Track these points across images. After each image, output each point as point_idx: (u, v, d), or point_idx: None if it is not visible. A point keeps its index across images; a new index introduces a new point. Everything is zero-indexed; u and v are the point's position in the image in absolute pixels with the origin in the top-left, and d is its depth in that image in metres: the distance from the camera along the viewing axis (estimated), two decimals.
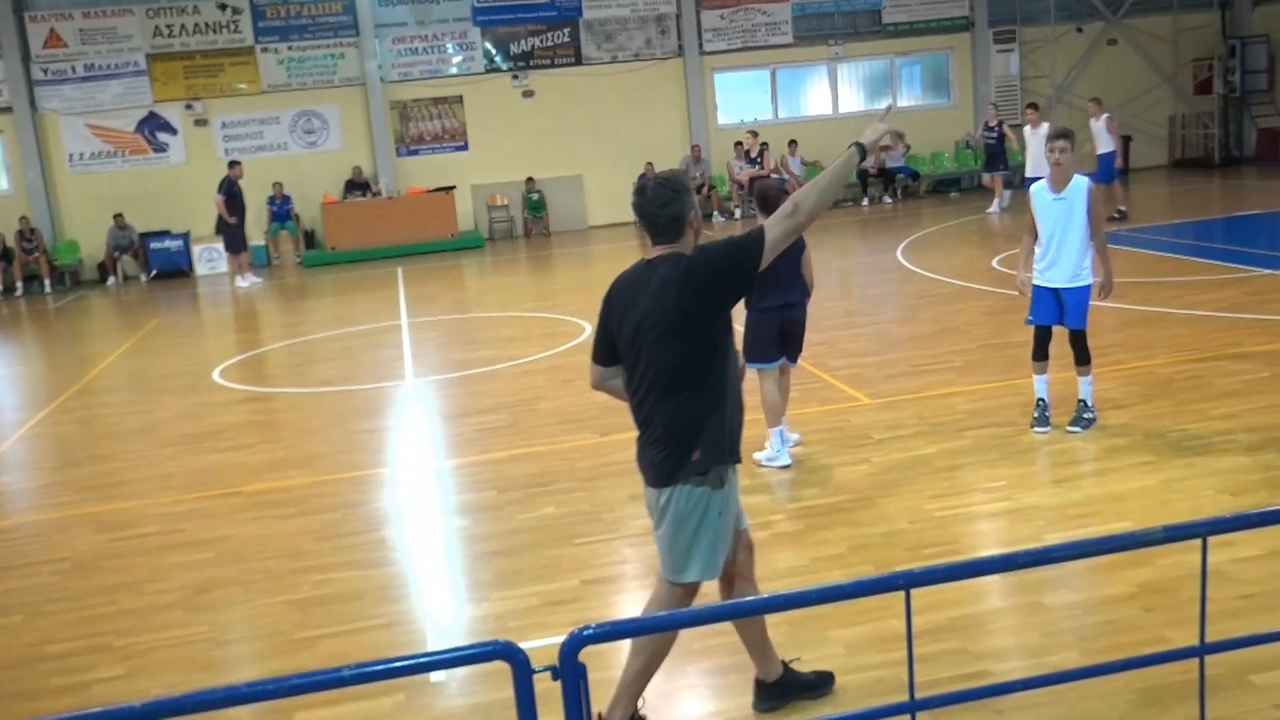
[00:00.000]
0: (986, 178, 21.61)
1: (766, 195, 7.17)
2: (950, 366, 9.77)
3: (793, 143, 23.99)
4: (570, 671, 2.73)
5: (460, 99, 23.65)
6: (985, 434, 7.82)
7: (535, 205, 23.87)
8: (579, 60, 23.91)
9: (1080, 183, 7.40)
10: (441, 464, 8.40)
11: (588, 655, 2.73)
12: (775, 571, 5.86)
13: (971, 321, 11.50)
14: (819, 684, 4.63)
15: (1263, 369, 8.81)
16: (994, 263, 14.79)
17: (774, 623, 5.11)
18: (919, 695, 3.14)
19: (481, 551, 6.63)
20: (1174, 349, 9.62)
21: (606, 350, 4.32)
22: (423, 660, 2.83)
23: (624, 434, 8.49)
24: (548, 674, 2.69)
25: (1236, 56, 25.62)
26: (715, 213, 23.41)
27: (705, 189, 23.20)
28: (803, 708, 4.54)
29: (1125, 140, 25.10)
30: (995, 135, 20.82)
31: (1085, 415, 7.75)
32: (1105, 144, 17.89)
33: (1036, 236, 7.64)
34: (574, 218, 24.23)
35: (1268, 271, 12.27)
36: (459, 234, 22.77)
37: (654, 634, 4.12)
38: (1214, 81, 25.93)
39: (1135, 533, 3.18)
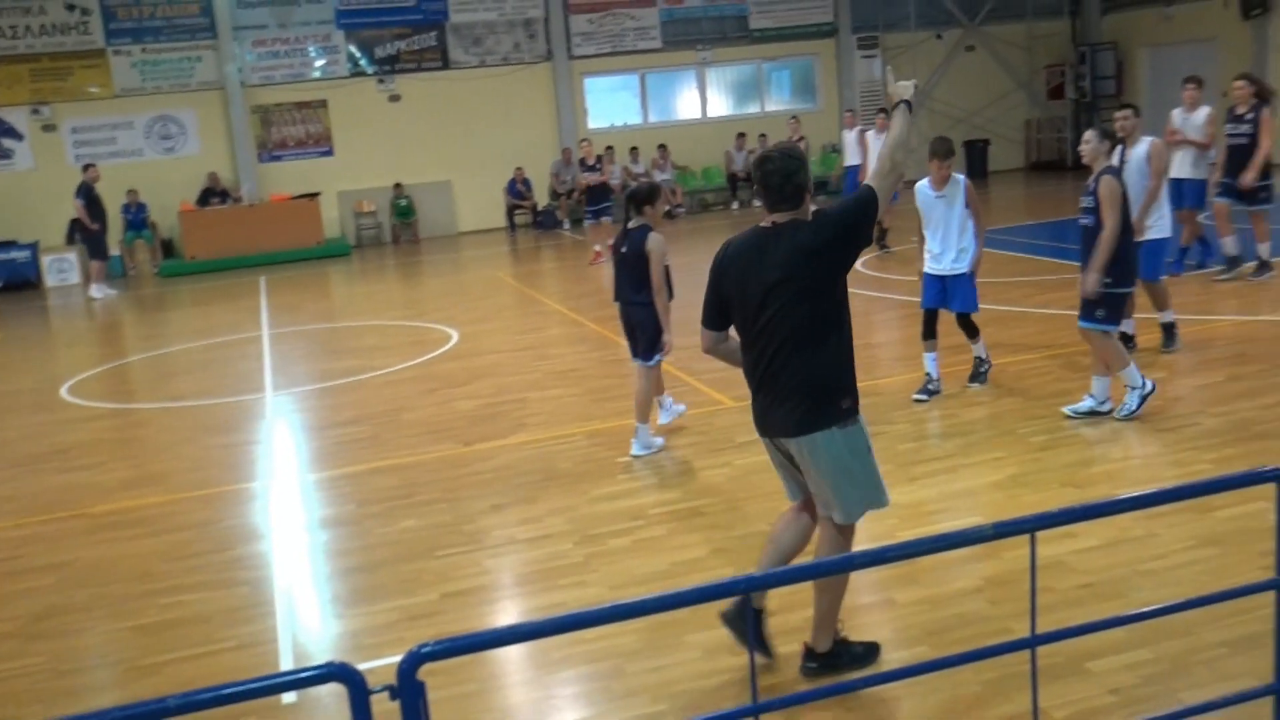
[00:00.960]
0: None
1: (638, 195, 7.62)
2: None
3: (662, 146, 24.15)
4: (409, 690, 2.66)
5: (324, 103, 23.20)
6: None
7: (403, 211, 23.55)
8: (446, 64, 23.67)
9: (958, 180, 8.40)
10: (301, 478, 8.20)
11: (434, 672, 2.66)
12: (635, 577, 5.87)
13: None
14: (866, 655, 4.76)
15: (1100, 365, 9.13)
16: (858, 265, 15.06)
17: (629, 629, 5.11)
18: (771, 696, 3.15)
19: (340, 567, 6.49)
20: (1026, 347, 9.93)
21: (718, 315, 4.61)
22: (254, 686, 2.72)
23: (487, 444, 8.46)
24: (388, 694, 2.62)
25: (1087, 63, 26.66)
26: (566, 220, 23.41)
27: (575, 193, 23.16)
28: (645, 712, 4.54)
29: (984, 143, 25.97)
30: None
31: (981, 370, 8.77)
32: (854, 156, 17.49)
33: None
34: (443, 223, 23.98)
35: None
36: (325, 241, 22.34)
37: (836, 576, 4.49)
38: (1066, 87, 26.94)
39: (966, 530, 3.24)
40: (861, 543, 6.14)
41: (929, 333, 8.57)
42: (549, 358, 11.40)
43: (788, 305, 4.31)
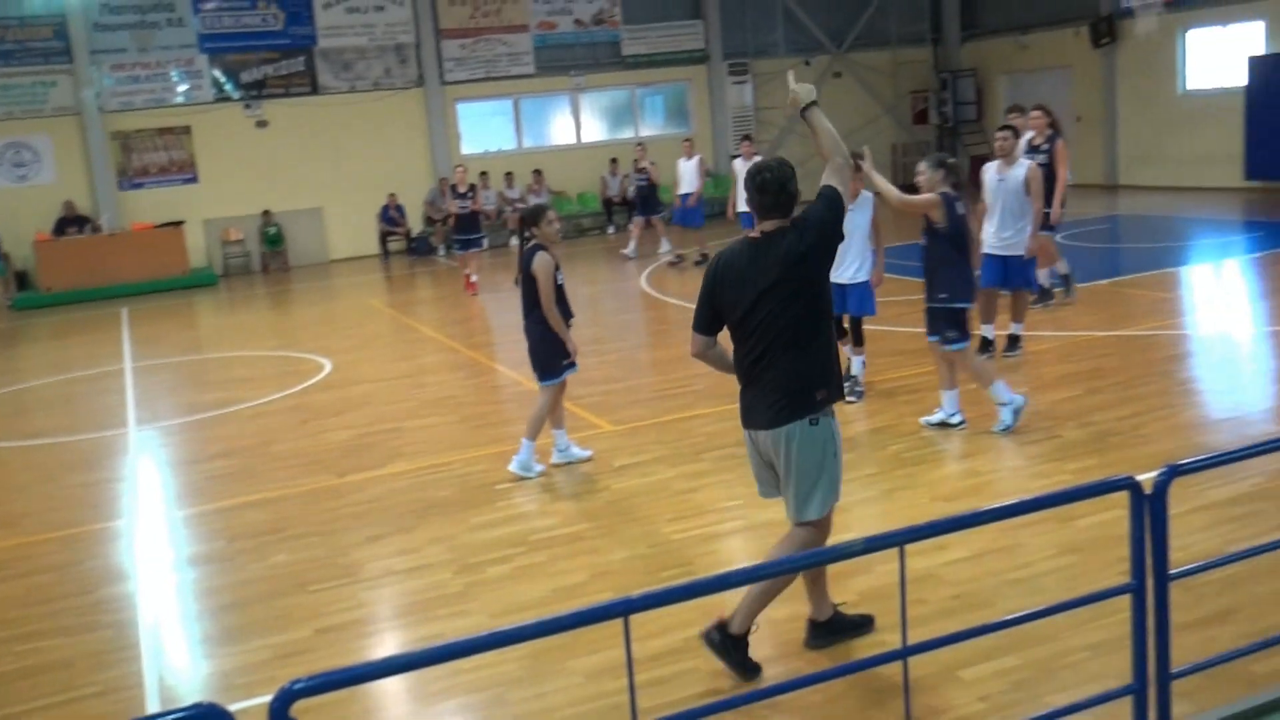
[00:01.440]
0: (637, 220, 20.25)
1: (525, 216, 7.79)
2: (691, 390, 9.99)
3: (537, 171, 24.14)
4: None
5: (188, 129, 22.59)
6: (723, 455, 8.01)
7: (273, 239, 23.05)
8: (315, 89, 23.28)
9: (866, 196, 8.80)
10: (167, 515, 7.93)
11: (308, 709, 2.59)
12: (516, 604, 5.82)
13: None
14: (862, 624, 5.13)
15: (971, 382, 9.41)
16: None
17: (510, 657, 5.05)
18: (651, 718, 3.15)
19: (210, 606, 6.29)
20: (894, 365, 10.16)
21: (711, 321, 4.92)
22: None
23: (363, 474, 8.31)
24: None
25: (949, 89, 27.55)
26: (441, 247, 23.08)
27: (449, 219, 22.95)
28: None
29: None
30: (645, 179, 19.76)
31: (856, 389, 9.09)
32: (691, 185, 17.93)
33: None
34: (315, 251, 23.53)
35: (982, 287, 13.13)
36: (190, 271, 21.72)
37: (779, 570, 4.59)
38: (930, 112, 27.79)
39: (837, 546, 3.31)
40: (739, 561, 6.22)
41: (839, 335, 8.78)
42: (425, 385, 11.27)
43: (779, 307, 4.64)
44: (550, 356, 7.74)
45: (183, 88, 22.48)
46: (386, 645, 5.69)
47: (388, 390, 11.14)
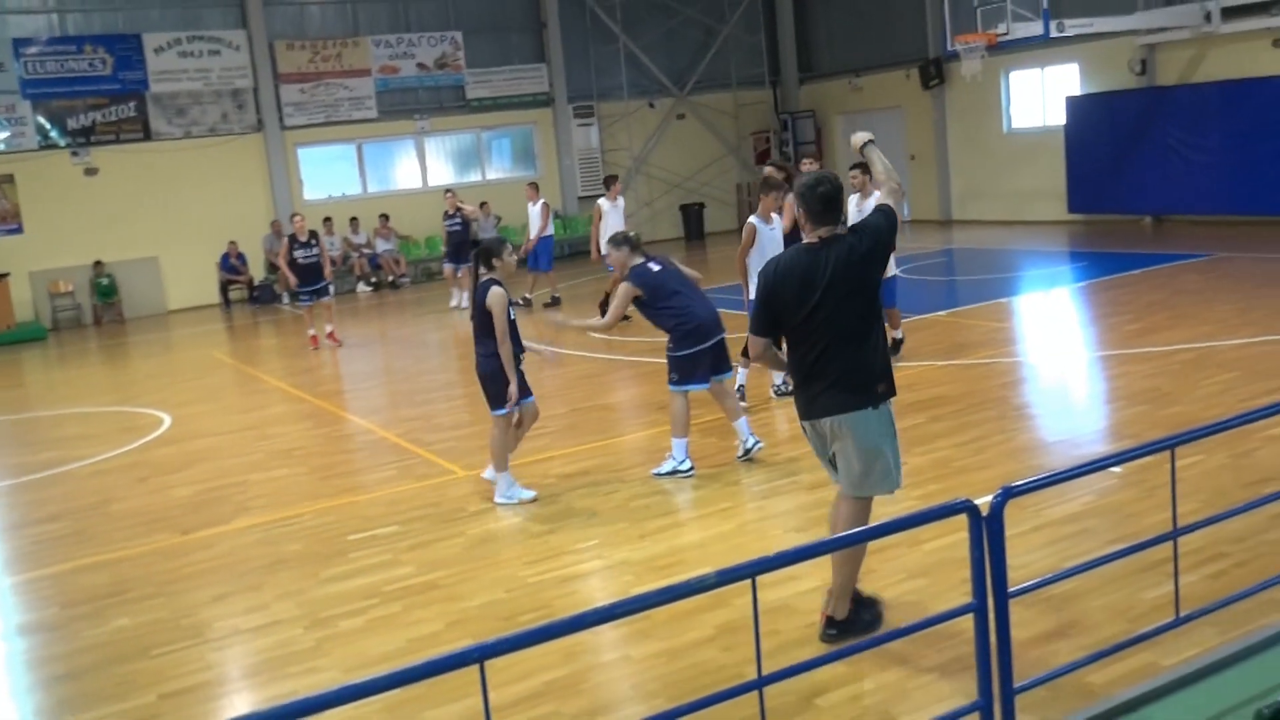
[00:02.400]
0: (448, 269, 19.19)
1: (483, 250, 7.89)
2: (546, 432, 9.94)
3: (384, 216, 23.87)
4: None
5: (11, 178, 21.61)
6: (578, 495, 8.01)
7: (105, 290, 22.16)
8: (148, 136, 22.57)
9: (778, 218, 9.90)
10: None
11: None
12: (370, 657, 5.68)
13: (567, 385, 11.81)
14: (873, 623, 5.36)
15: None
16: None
17: (365, 711, 4.92)
18: None
19: (44, 676, 5.96)
20: (749, 400, 10.30)
21: (771, 324, 5.26)
22: None
23: (207, 531, 8.02)
24: None
25: (789, 129, 28.34)
26: (286, 294, 22.32)
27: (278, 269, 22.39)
28: None
29: (699, 207, 27.06)
30: (459, 223, 18.74)
31: (741, 403, 9.32)
32: (535, 228, 18.07)
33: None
34: (151, 302, 22.71)
35: None
36: (15, 325, 20.71)
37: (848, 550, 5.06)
38: (771, 152, 28.50)
39: (690, 581, 3.32)
40: (597, 600, 6.20)
41: (744, 352, 9.29)
42: (271, 437, 10.95)
43: (839, 306, 5.07)
44: (503, 386, 7.80)
45: (4, 135, 21.52)
46: (236, 706, 5.48)
47: (232, 443, 10.79)
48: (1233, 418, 4.94)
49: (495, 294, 7.67)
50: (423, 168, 25.44)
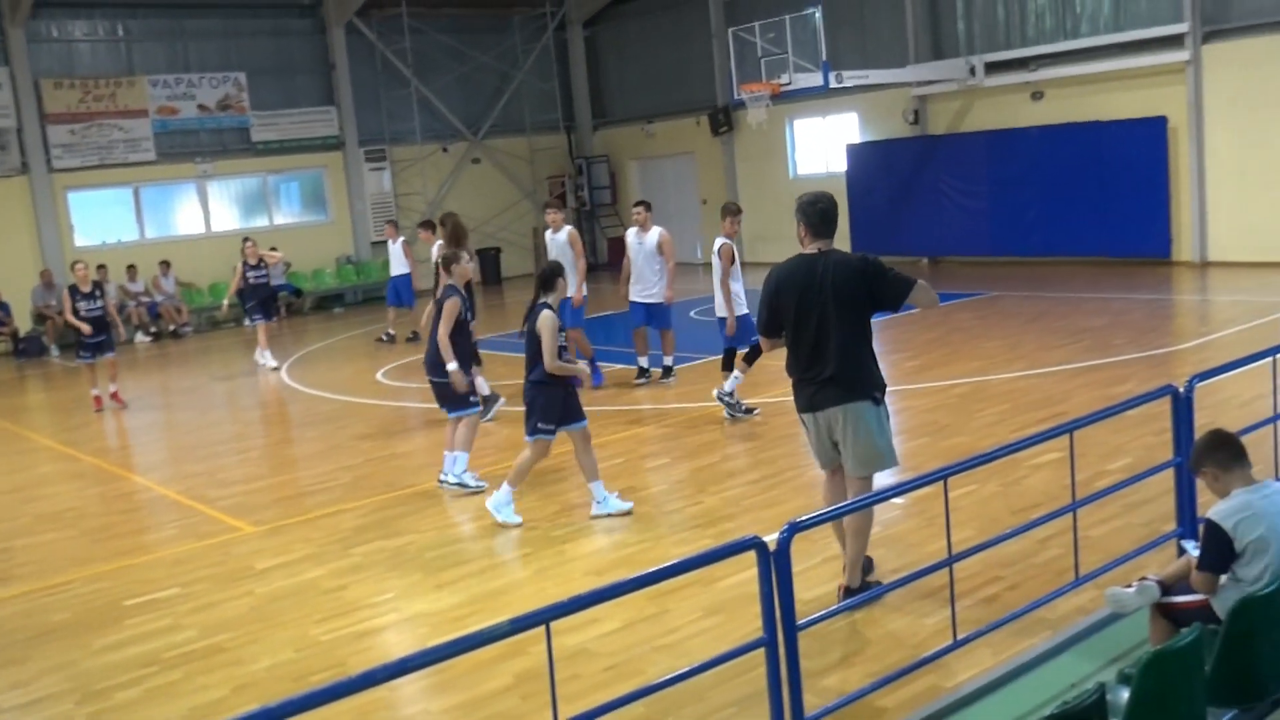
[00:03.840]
0: (261, 325, 16.62)
1: (543, 276, 7.95)
2: (338, 484, 9.68)
3: (164, 263, 22.86)
4: None
5: None
6: (373, 548, 7.80)
7: None
8: None
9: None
10: None
11: None
12: None
13: (359, 436, 11.52)
14: (879, 591, 5.81)
15: (617, 456, 9.72)
16: (379, 376, 15.01)
17: None
18: None
19: None
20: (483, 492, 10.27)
21: (772, 324, 5.98)
22: None
23: None
24: None
25: (584, 174, 28.65)
26: (54, 346, 21.06)
27: (61, 317, 21.18)
28: None
29: (495, 251, 26.98)
30: (265, 274, 16.74)
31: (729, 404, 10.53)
32: (400, 266, 17.94)
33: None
34: None
35: (620, 366, 13.62)
36: None
37: (859, 515, 5.79)
38: (567, 196, 28.73)
39: (483, 630, 3.27)
40: (395, 654, 6.02)
41: (728, 362, 10.84)
42: (38, 499, 10.25)
43: (835, 310, 5.71)
44: (548, 410, 7.78)
45: None
46: None
47: None
48: (999, 448, 5.22)
49: (545, 317, 7.71)
50: (205, 212, 24.49)
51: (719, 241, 10.97)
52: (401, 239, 18.35)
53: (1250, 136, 17.54)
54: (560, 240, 12.43)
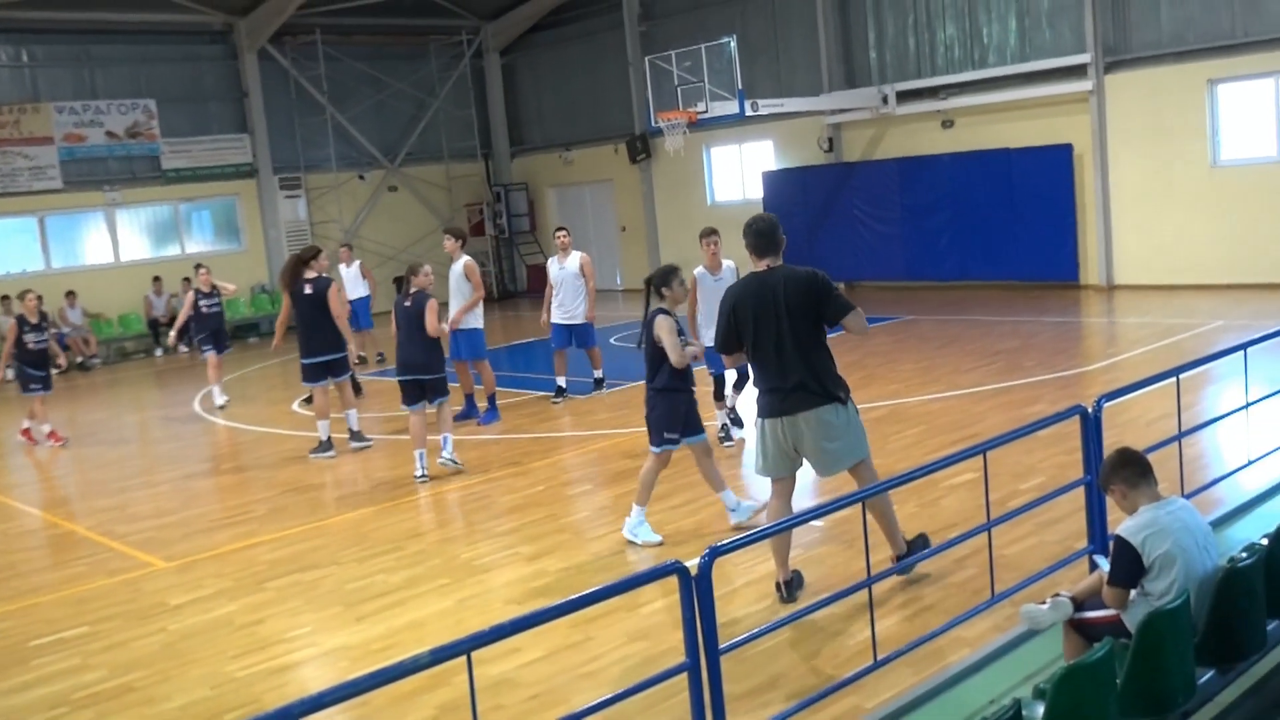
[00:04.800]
0: (212, 357, 15.33)
1: (653, 279, 7.81)
2: (253, 516, 9.49)
3: (70, 294, 22.29)
4: None
5: None
6: (288, 582, 7.66)
7: None
8: None
9: (730, 265, 10.19)
10: None
11: None
12: None
13: (274, 467, 11.32)
14: (923, 545, 6.49)
15: (539, 484, 9.68)
16: (294, 406, 14.77)
17: None
18: None
19: None
20: (463, 473, 10.20)
21: (732, 340, 6.34)
22: None
23: None
24: None
25: (502, 201, 28.58)
26: None
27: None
28: None
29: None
30: (217, 303, 15.54)
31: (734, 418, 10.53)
32: (359, 289, 17.40)
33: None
34: None
35: (541, 393, 13.58)
36: None
37: (877, 500, 6.20)
38: (485, 224, 28.65)
39: (403, 662, 3.23)
40: (313, 688, 5.90)
41: (720, 390, 10.53)
42: None
43: (796, 321, 6.10)
44: (672, 419, 7.69)
45: None
46: None
47: None
48: (915, 469, 5.30)
49: (660, 322, 7.60)
50: (114, 241, 23.95)
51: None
52: (358, 262, 17.85)
53: (1152, 163, 18.11)
54: (456, 271, 12.36)
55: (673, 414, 7.71)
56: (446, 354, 10.65)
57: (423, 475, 9.95)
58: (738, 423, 10.56)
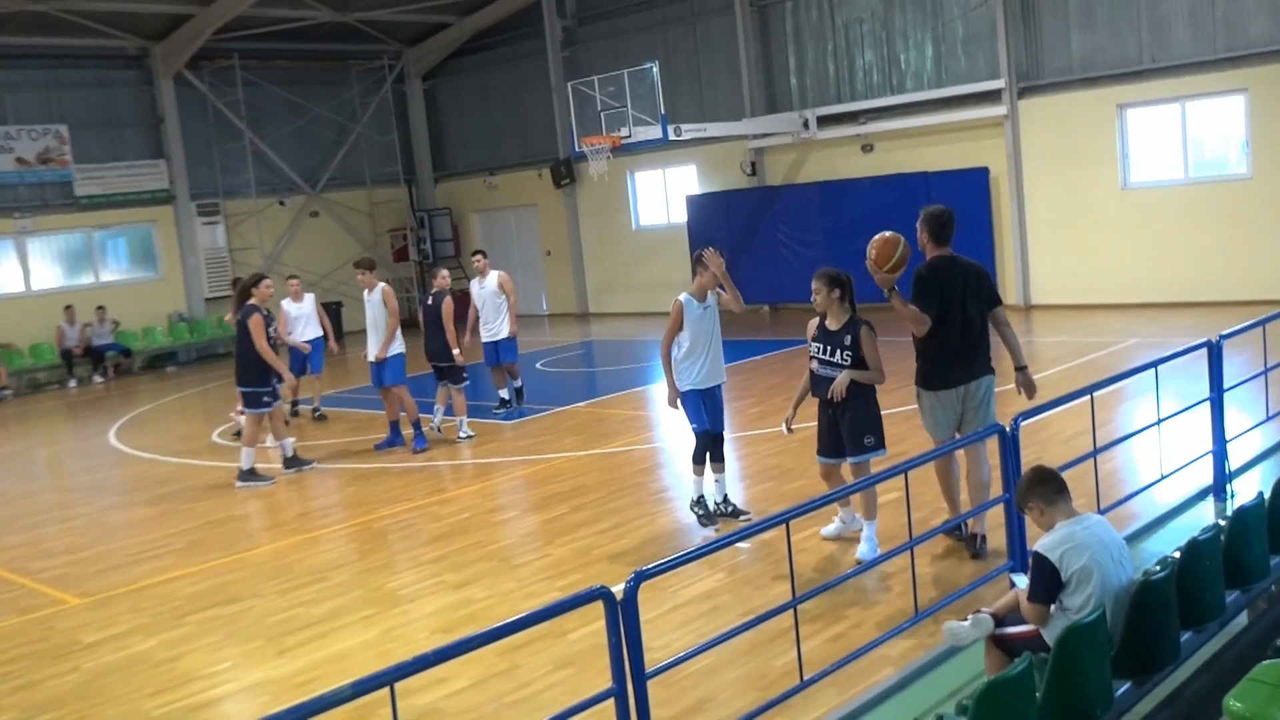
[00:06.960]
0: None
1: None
2: (171, 550, 9.28)
3: None
4: None
5: None
6: (208, 616, 7.49)
7: None
8: None
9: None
10: None
11: None
12: None
13: (193, 499, 11.08)
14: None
15: (463, 511, 9.60)
16: (214, 436, 14.50)
17: None
18: None
19: None
20: (389, 501, 10.10)
21: (934, 308, 6.99)
22: None
23: None
24: None
25: (426, 226, 28.38)
26: None
27: None
28: None
29: (337, 305, 26.45)
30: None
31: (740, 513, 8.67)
32: (314, 329, 15.15)
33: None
34: None
35: (477, 420, 13.46)
36: None
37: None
38: (409, 249, 28.43)
39: (324, 695, 3.17)
40: None
41: (701, 455, 8.59)
42: None
43: (973, 298, 7.03)
44: (876, 423, 7.53)
45: None
46: None
47: None
48: (840, 490, 5.34)
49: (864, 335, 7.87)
50: (25, 270, 23.36)
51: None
52: (310, 296, 15.42)
53: (1066, 185, 18.56)
54: (375, 300, 12.49)
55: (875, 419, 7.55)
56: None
57: (436, 429, 12.27)
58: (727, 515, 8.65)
